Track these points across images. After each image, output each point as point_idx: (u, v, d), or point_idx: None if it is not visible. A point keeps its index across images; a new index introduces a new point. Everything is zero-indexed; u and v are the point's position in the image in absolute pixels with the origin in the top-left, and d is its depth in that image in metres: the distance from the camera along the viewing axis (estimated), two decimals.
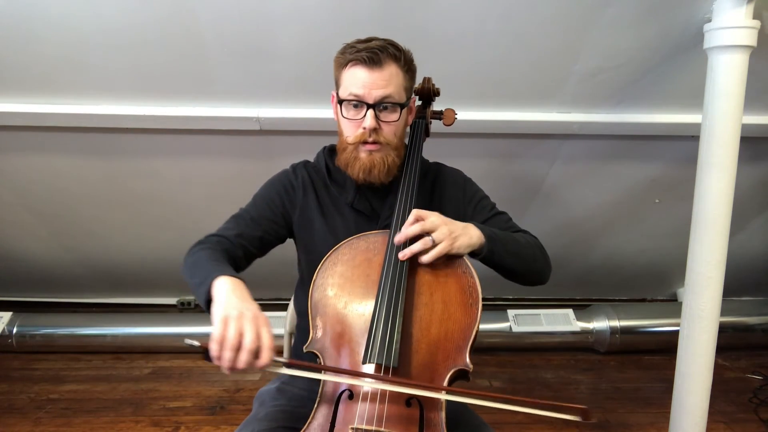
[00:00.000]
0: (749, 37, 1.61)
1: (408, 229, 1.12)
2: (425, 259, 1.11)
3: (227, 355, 0.92)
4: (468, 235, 1.15)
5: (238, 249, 1.23)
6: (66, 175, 2.32)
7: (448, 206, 1.33)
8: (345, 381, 1.06)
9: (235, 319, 0.93)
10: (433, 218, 1.13)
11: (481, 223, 1.21)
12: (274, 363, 0.96)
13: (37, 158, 2.25)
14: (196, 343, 0.94)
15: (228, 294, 1.00)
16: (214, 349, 0.92)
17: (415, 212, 1.13)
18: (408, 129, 1.38)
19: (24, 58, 1.83)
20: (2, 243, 2.71)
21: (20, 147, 2.20)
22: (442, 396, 1.03)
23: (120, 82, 1.93)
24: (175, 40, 1.78)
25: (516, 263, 1.22)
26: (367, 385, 1.04)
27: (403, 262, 1.12)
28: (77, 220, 2.56)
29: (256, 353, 0.93)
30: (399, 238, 1.14)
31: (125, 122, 2.04)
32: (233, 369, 0.93)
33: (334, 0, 1.68)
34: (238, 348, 0.92)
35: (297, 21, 1.74)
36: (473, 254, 1.17)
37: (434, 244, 1.11)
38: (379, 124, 1.20)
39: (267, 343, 0.94)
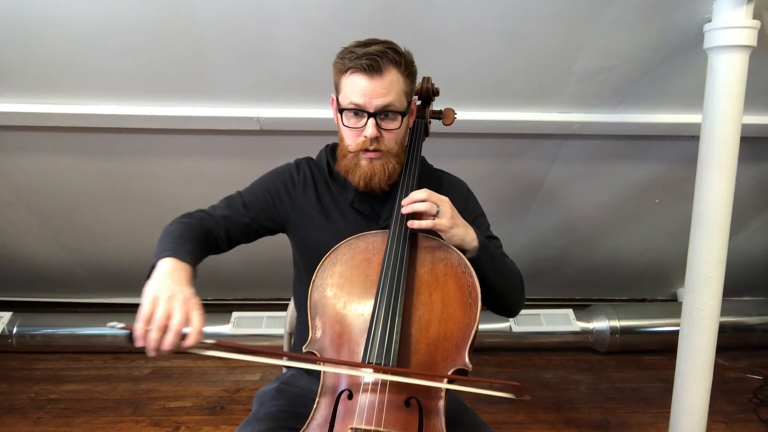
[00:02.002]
0: (749, 37, 1.61)
1: (416, 193, 1.13)
2: (418, 223, 1.12)
3: (153, 335, 0.91)
4: (466, 231, 1.16)
5: (220, 229, 1.24)
6: (66, 175, 2.32)
7: (450, 200, 1.33)
8: (266, 362, 1.03)
9: (164, 299, 0.93)
10: (444, 197, 1.15)
11: None
12: (201, 345, 0.94)
13: (37, 158, 2.25)
14: (119, 324, 0.93)
15: (164, 275, 1.00)
16: (139, 328, 0.91)
17: (425, 190, 1.14)
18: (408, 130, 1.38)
19: (24, 58, 1.83)
20: (2, 243, 2.71)
21: (20, 147, 2.20)
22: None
23: (120, 82, 1.93)
24: (175, 40, 1.78)
25: (497, 283, 1.21)
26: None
27: (402, 261, 1.13)
28: (77, 219, 2.56)
29: (183, 335, 0.93)
30: (406, 200, 1.14)
31: (125, 122, 2.04)
32: (158, 350, 0.92)
33: (334, 0, 1.69)
34: (164, 329, 0.92)
35: (297, 21, 1.74)
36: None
37: (436, 215, 1.12)
38: (380, 132, 1.19)
39: (197, 325, 0.93)
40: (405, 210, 1.13)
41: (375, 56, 1.13)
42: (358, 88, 1.16)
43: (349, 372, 1.06)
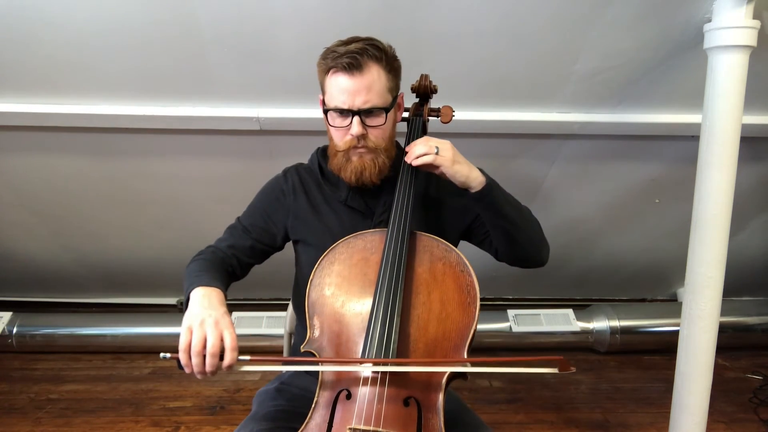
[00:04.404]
0: (749, 37, 1.61)
1: (416, 147, 1.18)
2: (421, 160, 1.17)
3: (194, 360, 0.98)
4: (470, 168, 1.19)
5: (232, 259, 1.28)
6: (66, 175, 2.32)
7: (447, 196, 1.34)
8: (304, 368, 1.11)
9: (197, 326, 0.99)
10: (444, 140, 1.19)
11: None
12: (239, 362, 1.01)
13: (37, 158, 2.25)
14: (168, 355, 1.01)
15: (195, 303, 1.06)
16: (182, 357, 0.98)
17: (424, 138, 1.20)
18: (406, 125, 1.38)
19: (24, 58, 1.83)
20: (2, 243, 2.71)
21: (20, 147, 2.20)
22: (422, 368, 1.03)
23: (120, 82, 1.93)
24: (176, 41, 1.78)
25: (514, 216, 1.23)
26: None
27: (400, 260, 1.13)
28: (77, 220, 2.56)
29: (221, 356, 0.99)
30: (408, 155, 1.21)
31: (125, 122, 2.04)
32: (203, 374, 0.99)
33: (334, 0, 1.69)
34: (203, 353, 0.98)
35: (297, 21, 1.74)
36: (471, 195, 1.20)
37: (436, 154, 1.16)
38: (365, 130, 1.20)
39: (229, 344, 0.99)
40: (407, 159, 1.20)
41: (355, 54, 1.14)
42: (340, 88, 1.17)
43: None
